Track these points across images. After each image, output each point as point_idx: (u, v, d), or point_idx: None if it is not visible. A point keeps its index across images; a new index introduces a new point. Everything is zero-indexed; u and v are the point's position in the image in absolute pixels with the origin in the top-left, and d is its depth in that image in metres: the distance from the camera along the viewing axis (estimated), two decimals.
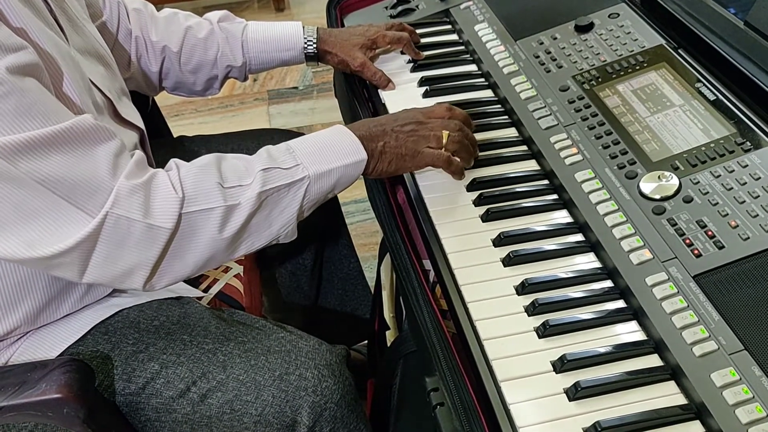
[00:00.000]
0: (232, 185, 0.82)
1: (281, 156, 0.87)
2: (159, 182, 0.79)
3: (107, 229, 0.75)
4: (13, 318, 0.89)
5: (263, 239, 0.87)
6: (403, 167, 0.94)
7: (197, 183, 0.81)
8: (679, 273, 0.77)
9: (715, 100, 0.93)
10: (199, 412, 0.91)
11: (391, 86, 1.20)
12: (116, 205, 0.75)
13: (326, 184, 0.88)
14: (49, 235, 0.74)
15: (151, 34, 1.17)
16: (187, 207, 0.79)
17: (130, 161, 0.79)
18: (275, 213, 0.85)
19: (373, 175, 0.94)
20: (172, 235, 0.79)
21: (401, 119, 0.95)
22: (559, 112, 1.01)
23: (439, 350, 0.78)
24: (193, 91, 1.26)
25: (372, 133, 0.92)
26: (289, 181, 0.85)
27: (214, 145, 1.29)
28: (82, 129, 0.75)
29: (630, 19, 1.11)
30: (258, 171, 0.83)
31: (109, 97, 0.94)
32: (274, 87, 2.81)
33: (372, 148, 0.91)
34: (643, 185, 0.86)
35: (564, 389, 0.72)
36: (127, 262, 0.79)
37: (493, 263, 0.86)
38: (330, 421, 0.93)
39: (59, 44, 0.83)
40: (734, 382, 0.68)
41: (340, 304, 1.46)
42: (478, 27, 1.24)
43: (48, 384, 0.78)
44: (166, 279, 0.83)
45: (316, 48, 1.21)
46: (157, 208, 0.78)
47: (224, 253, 0.84)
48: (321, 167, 0.87)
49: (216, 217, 0.80)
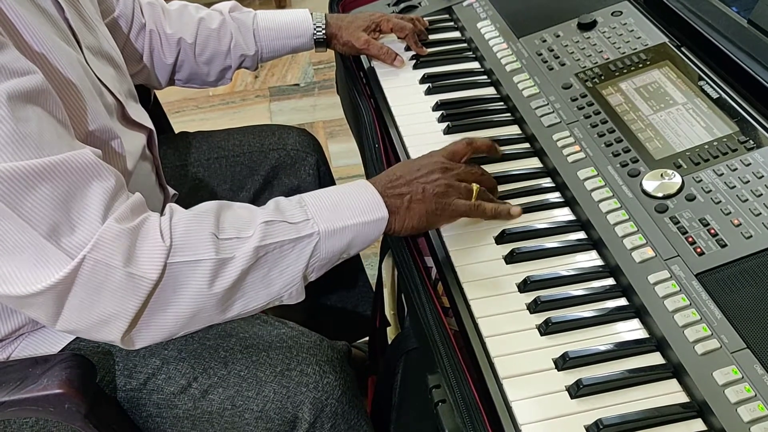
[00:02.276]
0: (228, 237, 0.76)
1: (291, 209, 0.80)
2: (149, 228, 0.73)
3: (83, 274, 0.70)
4: (16, 319, 0.88)
5: (261, 299, 0.80)
6: (433, 223, 0.87)
7: (188, 232, 0.75)
8: (681, 271, 0.77)
9: (718, 99, 0.93)
10: (200, 407, 0.92)
11: (398, 62, 1.22)
12: (96, 248, 0.69)
13: (339, 244, 0.80)
14: (24, 273, 0.68)
15: (165, 27, 1.18)
16: (173, 257, 0.73)
17: (124, 204, 0.73)
18: (275, 271, 0.78)
19: (402, 234, 0.85)
20: (155, 286, 0.73)
21: (425, 167, 0.87)
22: (562, 110, 1.01)
23: (441, 347, 0.78)
24: (206, 82, 1.27)
25: (394, 186, 0.85)
26: (294, 237, 0.78)
27: (215, 141, 1.30)
28: (77, 164, 0.70)
29: (633, 17, 1.11)
30: (260, 223, 0.77)
31: (119, 99, 0.93)
32: (276, 84, 2.81)
33: (396, 205, 0.83)
34: (645, 183, 0.86)
35: (566, 387, 0.72)
36: (103, 310, 0.72)
37: (495, 261, 0.86)
38: (331, 417, 0.93)
39: (72, 57, 0.80)
40: (736, 381, 0.68)
41: (341, 300, 1.46)
42: (481, 24, 1.24)
43: (49, 379, 0.78)
44: (147, 333, 0.77)
45: (325, 33, 1.22)
46: (141, 256, 0.72)
47: (213, 310, 0.78)
48: (334, 224, 0.79)
49: (204, 270, 0.74)
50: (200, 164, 1.27)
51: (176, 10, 1.20)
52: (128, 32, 1.15)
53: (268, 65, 2.87)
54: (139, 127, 0.99)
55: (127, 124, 0.96)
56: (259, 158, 1.28)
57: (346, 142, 2.45)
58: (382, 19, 1.25)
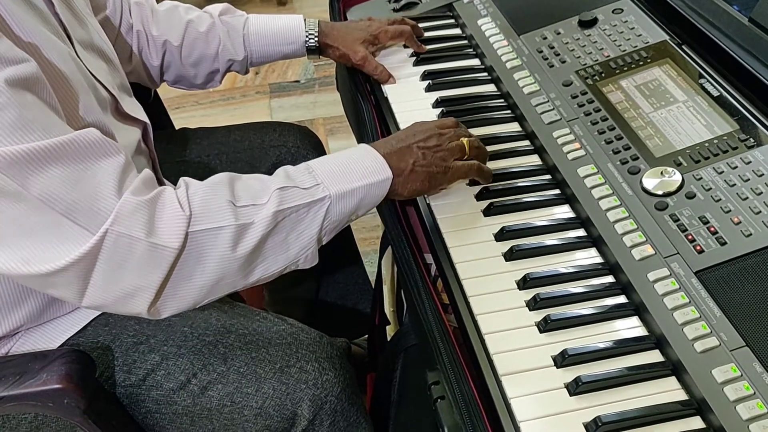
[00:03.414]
0: (245, 204, 0.78)
1: (300, 176, 0.83)
2: (165, 199, 0.75)
3: (107, 248, 0.71)
4: (15, 317, 0.88)
5: (280, 263, 0.82)
6: (435, 184, 0.90)
7: (206, 201, 0.77)
8: (681, 269, 0.77)
9: (718, 97, 0.93)
10: (199, 404, 0.92)
11: (392, 81, 1.20)
12: (117, 222, 0.71)
13: (348, 205, 0.83)
14: (46, 252, 0.70)
15: (151, 28, 1.16)
16: (194, 225, 0.75)
17: (137, 178, 0.75)
18: (293, 235, 0.81)
19: (404, 196, 0.89)
20: (178, 256, 0.74)
21: (420, 133, 0.91)
22: (562, 107, 1.01)
23: (441, 344, 0.78)
24: (194, 85, 1.25)
25: (396, 151, 0.88)
26: (308, 201, 0.80)
27: (216, 138, 1.29)
28: (85, 142, 0.71)
29: (634, 15, 1.11)
30: (274, 190, 0.79)
31: (113, 93, 0.93)
32: (276, 80, 2.81)
33: (400, 168, 0.87)
34: (645, 181, 0.86)
35: (565, 384, 0.72)
36: (128, 283, 0.74)
37: (494, 257, 0.86)
38: (330, 414, 0.93)
39: (62, 51, 0.81)
40: (735, 378, 0.68)
41: (340, 297, 1.46)
42: (482, 21, 1.24)
43: (49, 374, 0.78)
44: (172, 304, 0.78)
45: (317, 41, 1.21)
46: (162, 226, 0.73)
47: (236, 275, 0.79)
48: (343, 187, 0.82)
49: (226, 237, 0.76)
50: (200, 161, 1.27)
51: (166, 11, 1.19)
52: (117, 31, 1.14)
53: None
54: (134, 120, 0.99)
55: (121, 118, 0.96)
56: (260, 155, 1.28)
57: (346, 139, 2.45)
58: (380, 31, 1.22)
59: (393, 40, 1.23)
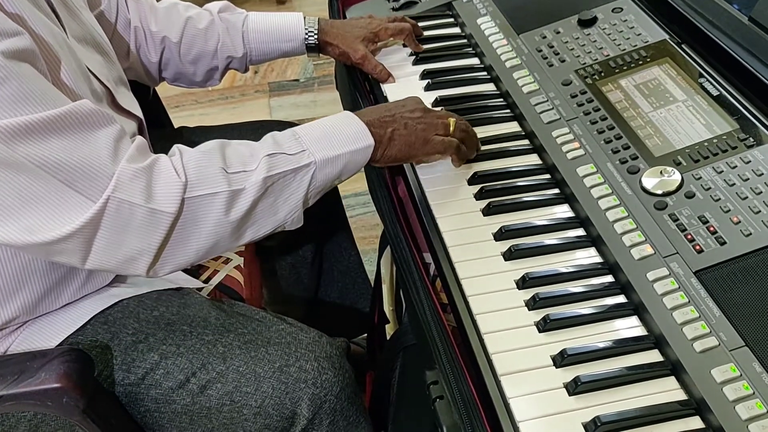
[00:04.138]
0: (236, 170, 0.81)
1: (287, 142, 0.86)
2: (161, 167, 0.78)
3: (109, 214, 0.75)
4: (11, 307, 0.88)
5: (269, 225, 0.86)
6: (412, 154, 0.94)
7: (200, 167, 0.80)
8: (680, 268, 0.77)
9: (718, 96, 0.93)
10: (198, 403, 0.92)
11: (392, 80, 1.20)
12: (118, 189, 0.74)
13: (333, 171, 0.87)
14: (50, 220, 0.73)
15: (150, 25, 1.16)
16: (190, 191, 0.78)
17: (131, 146, 0.78)
18: (281, 199, 0.84)
19: (381, 162, 0.92)
20: (175, 220, 0.78)
21: (409, 105, 0.95)
22: (562, 107, 1.01)
23: (439, 343, 0.78)
24: (194, 82, 1.25)
25: (380, 118, 0.91)
26: (294, 167, 0.84)
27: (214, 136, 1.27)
28: (81, 113, 0.74)
29: (633, 14, 1.11)
30: (263, 156, 0.82)
31: (108, 86, 0.93)
32: (275, 79, 2.81)
33: (380, 135, 0.90)
34: (645, 180, 0.86)
35: (564, 384, 0.71)
36: (130, 247, 0.78)
37: (493, 257, 0.86)
38: (330, 413, 0.93)
39: (55, 32, 0.82)
40: (735, 378, 0.68)
41: (339, 297, 1.46)
42: (481, 20, 1.24)
43: (47, 373, 0.78)
44: (170, 265, 0.82)
45: (317, 39, 1.21)
46: (159, 192, 0.77)
47: (229, 239, 0.83)
48: (327, 153, 0.86)
49: (220, 202, 0.79)
50: None
51: (165, 8, 1.19)
52: (114, 27, 1.14)
53: None
54: (129, 115, 0.99)
55: (117, 110, 0.97)
56: None
57: None
58: (380, 29, 1.22)
59: (393, 37, 1.23)
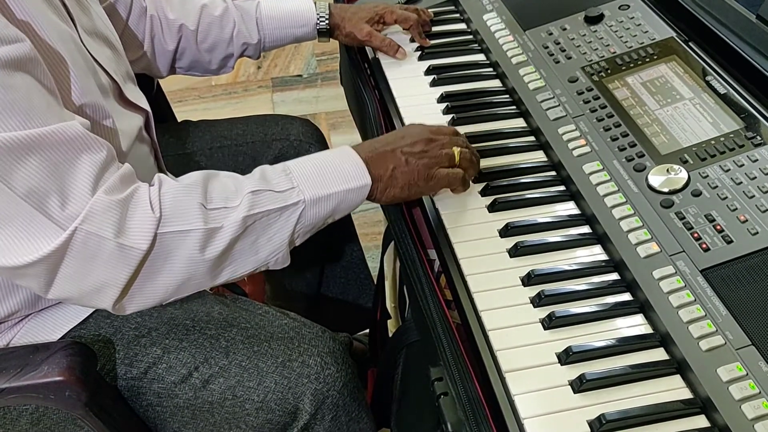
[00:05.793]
0: (216, 207, 0.77)
1: (276, 177, 0.81)
2: (138, 199, 0.74)
3: (76, 245, 0.71)
4: (13, 300, 0.88)
5: (249, 266, 0.81)
6: (417, 192, 0.89)
7: (177, 202, 0.76)
8: (686, 267, 0.77)
9: (725, 94, 0.92)
10: (200, 397, 0.91)
11: (401, 54, 1.21)
12: (87, 220, 0.70)
13: (324, 210, 0.82)
14: (16, 245, 0.69)
15: (167, 13, 1.17)
16: (163, 227, 0.74)
17: (114, 175, 0.74)
18: (263, 239, 0.80)
19: (383, 201, 0.87)
20: (146, 256, 0.74)
21: (409, 137, 0.89)
22: (568, 104, 1.01)
23: (444, 340, 0.77)
24: (209, 70, 1.26)
25: (379, 155, 0.86)
26: (281, 206, 0.79)
27: (218, 130, 1.29)
28: (66, 135, 0.70)
29: (640, 11, 1.11)
30: (247, 193, 0.78)
31: (115, 80, 0.93)
32: (278, 75, 2.80)
33: (379, 174, 0.85)
34: (651, 178, 0.86)
35: (569, 381, 0.71)
36: (96, 279, 0.74)
37: (499, 254, 0.85)
38: (332, 408, 0.93)
39: (63, 31, 0.81)
40: (741, 377, 0.67)
41: (342, 292, 1.46)
42: (487, 16, 1.23)
43: (50, 366, 0.78)
44: (137, 301, 0.78)
45: (328, 24, 1.22)
46: (132, 227, 0.73)
47: (204, 276, 0.79)
48: (319, 191, 0.81)
49: (194, 240, 0.75)
50: (203, 153, 1.27)
51: None
52: (127, 17, 1.14)
53: (270, 56, 2.86)
54: (136, 108, 0.99)
55: (123, 103, 0.96)
56: (262, 148, 1.28)
57: (348, 133, 2.44)
58: (386, 11, 1.24)
59: (399, 22, 1.24)
